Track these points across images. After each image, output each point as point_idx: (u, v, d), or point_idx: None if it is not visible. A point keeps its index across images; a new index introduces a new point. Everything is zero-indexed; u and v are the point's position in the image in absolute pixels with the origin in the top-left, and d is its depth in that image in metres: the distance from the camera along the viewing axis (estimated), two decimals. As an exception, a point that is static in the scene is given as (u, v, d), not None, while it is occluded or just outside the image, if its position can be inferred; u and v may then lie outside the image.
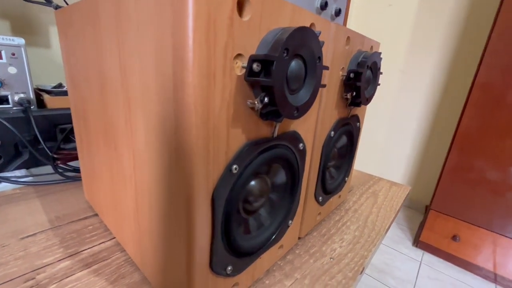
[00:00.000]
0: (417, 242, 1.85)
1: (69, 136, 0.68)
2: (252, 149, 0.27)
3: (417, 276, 1.66)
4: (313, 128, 0.38)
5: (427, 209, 1.82)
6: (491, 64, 1.35)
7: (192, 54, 0.19)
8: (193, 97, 0.20)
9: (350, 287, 0.37)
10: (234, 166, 0.26)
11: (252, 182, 0.32)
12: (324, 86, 0.30)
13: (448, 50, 1.88)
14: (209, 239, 0.27)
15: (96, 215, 0.50)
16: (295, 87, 0.27)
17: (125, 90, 0.28)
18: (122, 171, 0.34)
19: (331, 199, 0.53)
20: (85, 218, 0.48)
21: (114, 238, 0.44)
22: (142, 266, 0.36)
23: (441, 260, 1.77)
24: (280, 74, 0.23)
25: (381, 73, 0.47)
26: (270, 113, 0.26)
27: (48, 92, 0.77)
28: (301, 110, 0.28)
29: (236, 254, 0.31)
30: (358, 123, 0.52)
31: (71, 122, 0.69)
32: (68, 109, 0.70)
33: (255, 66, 0.22)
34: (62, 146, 0.68)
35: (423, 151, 2.16)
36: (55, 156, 0.64)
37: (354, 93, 0.42)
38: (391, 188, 0.69)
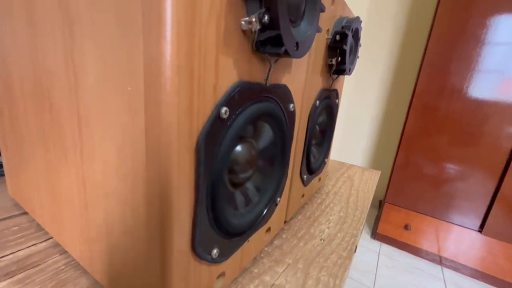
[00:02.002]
0: (375, 234, 1.96)
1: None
2: (245, 93, 0.22)
3: (377, 266, 1.74)
4: (301, 90, 0.34)
5: (381, 203, 1.94)
6: (426, 77, 1.51)
7: None
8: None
9: (347, 267, 0.33)
10: (224, 109, 0.20)
11: (239, 147, 0.26)
12: (320, 30, 0.26)
13: (393, 58, 2.07)
14: (192, 209, 0.20)
15: (25, 213, 0.38)
16: (294, 18, 0.22)
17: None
18: (63, 148, 0.25)
19: (312, 181, 0.49)
20: (9, 217, 0.36)
21: (51, 238, 0.33)
22: (92, 268, 0.27)
23: (396, 249, 1.89)
24: (284, -16, 0.18)
25: (360, 45, 0.45)
26: (268, 42, 0.21)
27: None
28: (301, 47, 0.23)
29: (224, 233, 0.24)
30: (337, 100, 0.50)
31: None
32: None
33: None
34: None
35: (375, 151, 2.32)
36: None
37: (339, 59, 0.39)
38: (363, 173, 0.69)
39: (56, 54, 0.23)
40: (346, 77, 2.34)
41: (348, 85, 2.28)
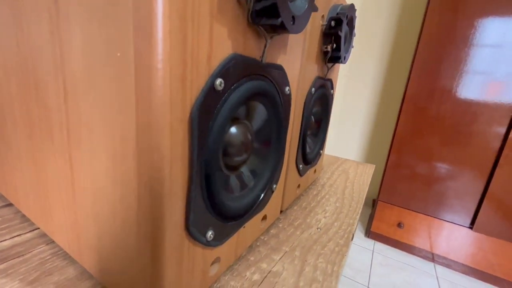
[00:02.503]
0: (369, 232, 1.97)
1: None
2: (240, 67, 0.21)
3: (371, 264, 1.74)
4: (297, 75, 0.34)
5: (374, 202, 1.96)
6: (417, 78, 1.54)
7: None
8: None
9: (344, 254, 0.33)
10: (219, 80, 0.19)
11: (234, 128, 0.25)
12: (316, 9, 0.26)
13: (384, 61, 2.10)
14: (185, 186, 0.19)
15: (10, 205, 0.36)
16: (290, -8, 0.22)
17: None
18: (49, 129, 0.24)
19: (308, 172, 0.48)
20: (-10, 209, 0.35)
21: (37, 229, 0.32)
22: (80, 257, 0.26)
23: (389, 247, 1.91)
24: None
25: (355, 34, 0.45)
26: (264, 13, 0.20)
27: None
28: (297, 23, 0.22)
29: (218, 215, 0.23)
30: (332, 90, 0.50)
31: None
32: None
33: None
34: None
35: (368, 150, 2.34)
36: None
37: (334, 46, 0.39)
38: (358, 166, 0.69)
39: (40, 26, 0.21)
40: (338, 79, 2.36)
41: (339, 87, 2.30)
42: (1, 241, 0.29)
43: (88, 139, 0.20)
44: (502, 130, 1.35)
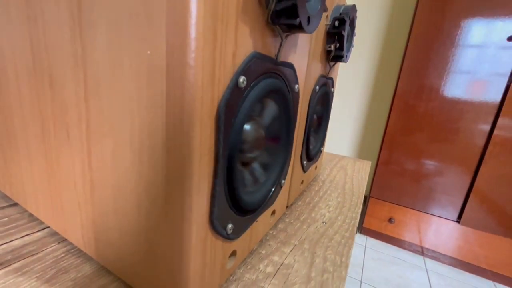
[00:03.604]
0: (361, 228, 2.01)
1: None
2: (259, 65, 0.22)
3: (363, 259, 1.79)
4: (304, 73, 0.35)
5: (366, 199, 2.00)
6: (406, 77, 1.58)
7: None
8: None
9: (351, 246, 0.34)
10: (242, 78, 0.20)
11: (249, 125, 0.26)
12: (326, 9, 0.27)
13: (374, 60, 2.15)
14: (211, 181, 0.20)
15: (15, 204, 0.35)
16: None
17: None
18: (65, 125, 0.24)
19: (310, 168, 0.50)
20: (-5, 209, 0.34)
21: (47, 228, 0.31)
22: (97, 253, 0.26)
23: (381, 242, 1.96)
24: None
25: (355, 34, 0.47)
26: (284, 13, 0.21)
27: None
28: (312, 22, 0.23)
29: (237, 209, 0.24)
30: (332, 88, 0.51)
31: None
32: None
33: None
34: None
35: (358, 149, 2.39)
36: None
37: (337, 45, 0.40)
38: (355, 163, 0.71)
39: (59, 23, 0.21)
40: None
41: (333, 84, 2.31)
42: (11, 241, 0.29)
43: (111, 135, 0.21)
44: (487, 127, 1.40)
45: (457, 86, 1.42)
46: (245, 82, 0.20)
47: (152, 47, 0.17)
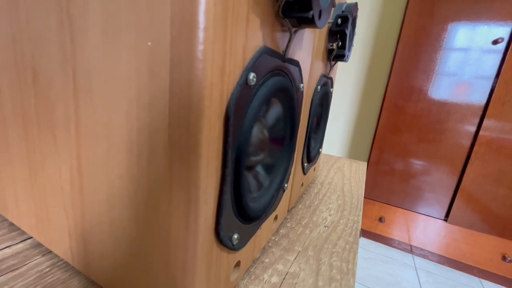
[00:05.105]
0: (352, 228, 2.04)
1: None
2: (268, 61, 0.20)
3: (355, 259, 1.80)
4: (308, 72, 0.33)
5: (357, 197, 2.01)
6: (396, 78, 1.61)
7: None
8: None
9: (356, 251, 0.33)
10: (252, 75, 0.18)
11: (256, 127, 0.24)
12: (335, 4, 0.26)
13: (365, 61, 2.18)
14: (218, 188, 0.18)
15: (-9, 213, 0.32)
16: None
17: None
18: (51, 125, 0.21)
19: (309, 170, 0.48)
20: (-31, 219, 0.31)
21: (30, 238, 0.29)
22: (87, 267, 0.23)
23: (371, 241, 1.98)
24: None
25: (355, 33, 0.46)
26: (296, 5, 0.19)
27: None
28: (323, 16, 0.22)
29: (242, 217, 0.22)
30: (331, 89, 0.50)
31: None
32: None
33: None
34: None
35: (349, 149, 2.41)
36: None
37: (339, 43, 0.39)
38: (352, 164, 0.71)
39: (46, 12, 0.19)
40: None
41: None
42: (-12, 254, 0.26)
43: (104, 138, 0.19)
44: (473, 128, 1.44)
45: (445, 88, 1.45)
46: (255, 79, 0.18)
47: (154, 38, 0.15)
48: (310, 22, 0.21)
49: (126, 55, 0.16)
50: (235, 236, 0.21)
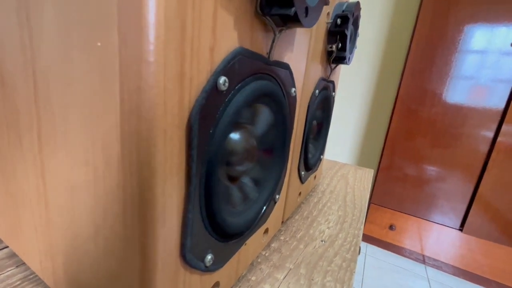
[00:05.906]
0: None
1: None
2: (246, 64, 0.18)
3: (363, 267, 1.74)
4: (302, 75, 0.31)
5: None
6: (409, 81, 1.55)
7: None
8: None
9: (353, 270, 0.30)
10: (223, 79, 0.16)
11: (237, 134, 0.22)
12: (328, 2, 0.23)
13: (376, 63, 2.12)
14: (181, 207, 0.16)
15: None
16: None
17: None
18: (17, 130, 0.20)
19: (309, 178, 0.46)
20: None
21: (6, 248, 0.28)
22: (55, 283, 0.22)
23: (381, 249, 1.91)
24: None
25: (358, 35, 0.43)
26: (275, 1, 0.17)
27: None
28: (310, 15, 0.20)
29: (219, 235, 0.20)
30: (333, 92, 0.48)
31: None
32: None
33: None
34: None
35: (359, 155, 2.35)
36: None
37: (339, 45, 0.36)
38: (357, 171, 0.67)
39: (6, 8, 0.18)
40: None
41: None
42: (-39, 264, 0.25)
43: (63, 147, 0.17)
44: (490, 134, 1.37)
45: (460, 91, 1.39)
46: (226, 83, 0.16)
47: (103, 37, 0.13)
48: (294, 21, 0.19)
49: (78, 56, 0.14)
50: (209, 257, 0.19)
